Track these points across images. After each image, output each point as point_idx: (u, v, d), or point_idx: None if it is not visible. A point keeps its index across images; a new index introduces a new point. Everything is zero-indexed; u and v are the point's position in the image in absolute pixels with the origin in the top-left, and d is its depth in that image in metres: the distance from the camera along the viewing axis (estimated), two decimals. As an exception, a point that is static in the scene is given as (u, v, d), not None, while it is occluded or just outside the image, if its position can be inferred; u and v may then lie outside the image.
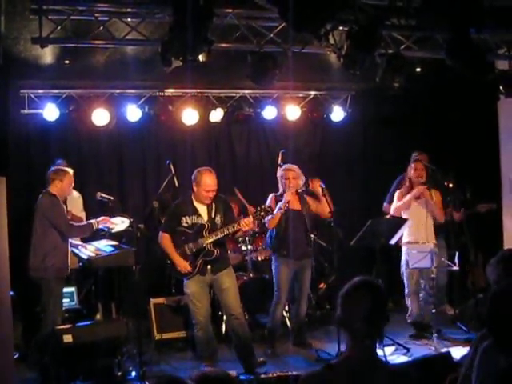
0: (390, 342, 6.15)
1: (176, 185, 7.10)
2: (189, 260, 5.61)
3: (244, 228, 5.57)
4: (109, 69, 6.90)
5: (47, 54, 6.23)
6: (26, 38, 5.53)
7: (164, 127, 8.22)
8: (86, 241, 6.37)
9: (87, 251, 6.04)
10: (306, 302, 6.46)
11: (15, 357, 5.37)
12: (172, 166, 7.07)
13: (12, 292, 5.14)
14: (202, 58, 4.89)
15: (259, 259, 7.24)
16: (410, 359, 5.67)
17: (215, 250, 5.62)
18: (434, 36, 5.83)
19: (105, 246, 6.08)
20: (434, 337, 6.13)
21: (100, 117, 7.60)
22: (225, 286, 5.66)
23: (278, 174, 6.38)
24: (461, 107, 7.76)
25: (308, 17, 4.42)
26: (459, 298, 7.52)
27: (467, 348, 3.22)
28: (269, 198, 6.24)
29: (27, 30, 5.45)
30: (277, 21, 5.37)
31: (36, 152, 7.70)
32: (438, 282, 7.33)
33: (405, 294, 6.72)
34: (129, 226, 6.10)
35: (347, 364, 2.51)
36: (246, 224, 5.52)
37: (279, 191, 6.33)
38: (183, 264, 5.59)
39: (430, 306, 6.60)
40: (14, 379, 4.89)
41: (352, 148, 8.89)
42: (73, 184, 6.08)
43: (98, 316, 6.63)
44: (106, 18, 5.26)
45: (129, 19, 5.34)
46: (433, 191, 6.68)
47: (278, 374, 4.87)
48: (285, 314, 6.81)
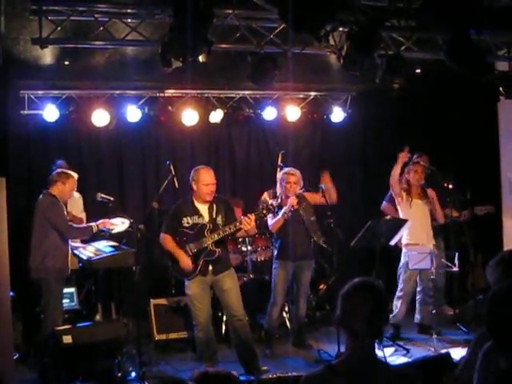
0: (390, 342, 6.17)
1: (176, 185, 7.10)
2: (190, 260, 5.60)
3: (245, 227, 5.48)
4: (109, 69, 6.90)
5: (47, 55, 6.24)
6: (26, 38, 5.54)
7: (164, 128, 8.22)
8: (86, 241, 6.38)
9: (87, 252, 6.04)
10: (305, 302, 6.45)
11: (15, 357, 5.37)
12: (172, 167, 7.06)
13: (12, 292, 5.15)
14: (201, 58, 4.90)
15: (259, 260, 7.23)
16: (409, 360, 5.67)
17: (217, 250, 5.60)
18: (434, 37, 5.83)
19: (105, 246, 6.08)
20: (434, 338, 6.13)
21: (100, 117, 7.60)
22: (226, 287, 5.64)
23: (279, 176, 6.36)
24: (461, 108, 7.76)
25: (308, 18, 4.42)
26: (459, 298, 7.53)
27: (467, 349, 3.21)
28: (265, 195, 6.23)
29: (27, 31, 5.45)
30: (277, 22, 5.37)
31: (36, 153, 7.69)
32: (436, 283, 7.34)
33: (396, 295, 6.62)
34: (129, 227, 6.10)
35: (347, 364, 2.51)
36: (248, 222, 5.46)
37: (276, 190, 6.31)
38: (186, 261, 5.57)
39: (428, 307, 6.59)
40: (14, 380, 4.89)
41: (352, 149, 8.89)
42: (75, 189, 6.10)
43: (98, 317, 6.62)
44: (106, 19, 5.27)
45: (129, 20, 5.35)
46: (429, 190, 6.65)
47: (278, 375, 4.85)
48: (285, 314, 6.81)
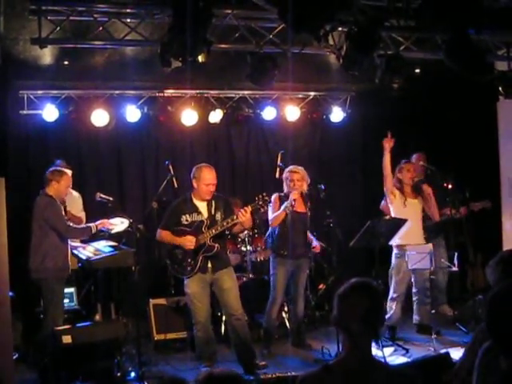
0: (390, 342, 6.16)
1: (175, 185, 7.10)
2: (189, 257, 5.60)
3: (241, 218, 5.44)
4: (108, 69, 6.90)
5: (46, 55, 6.24)
6: (26, 38, 5.54)
7: (163, 128, 8.21)
8: (86, 241, 6.37)
9: (86, 252, 6.03)
10: (303, 300, 6.43)
11: (15, 357, 5.37)
12: (171, 167, 7.06)
13: (11, 292, 5.14)
14: (201, 58, 4.90)
15: (258, 260, 7.23)
16: (409, 360, 5.67)
17: (215, 245, 5.61)
18: (434, 37, 5.83)
19: (104, 246, 6.07)
20: (433, 337, 6.12)
21: (99, 117, 7.60)
22: (226, 286, 5.65)
23: (283, 175, 6.34)
24: (460, 108, 7.76)
25: (307, 17, 4.43)
26: (458, 298, 7.52)
27: (465, 347, 3.22)
28: (272, 197, 6.21)
29: (26, 31, 5.45)
30: (276, 21, 5.38)
31: (35, 153, 7.69)
32: (438, 283, 7.33)
33: (390, 296, 6.47)
34: (128, 227, 6.09)
35: (344, 364, 2.51)
36: (243, 214, 5.43)
37: (284, 191, 6.30)
38: (187, 239, 5.56)
39: (426, 307, 6.58)
40: (14, 379, 4.89)
41: (351, 149, 8.89)
42: (70, 185, 6.05)
43: (98, 317, 6.61)
44: (106, 19, 5.27)
45: (128, 20, 5.35)
46: (425, 186, 6.58)
47: (277, 375, 4.87)
48: (284, 314, 6.81)
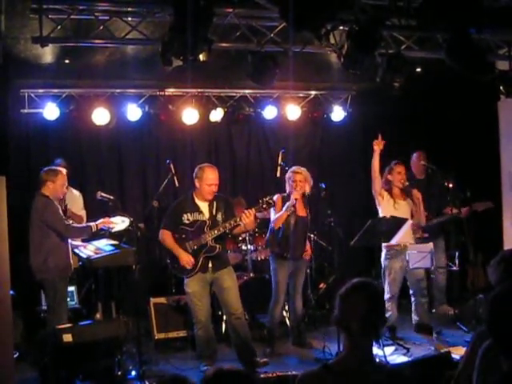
0: (390, 341, 6.16)
1: (176, 184, 7.10)
2: (191, 256, 5.61)
3: (245, 220, 5.47)
4: (109, 68, 6.90)
5: (47, 54, 6.23)
6: (27, 37, 5.53)
7: (164, 127, 8.21)
8: (86, 240, 6.37)
9: (87, 251, 6.04)
10: (301, 298, 6.45)
11: (15, 356, 5.37)
12: (172, 166, 7.06)
13: (12, 291, 5.14)
14: (202, 57, 4.89)
15: (259, 259, 7.24)
16: (409, 359, 5.67)
17: (217, 246, 5.63)
18: (435, 36, 5.83)
19: (105, 245, 6.08)
20: (433, 337, 6.12)
21: (100, 116, 7.60)
22: (226, 284, 5.66)
23: (286, 175, 6.33)
24: (461, 107, 7.75)
25: (308, 16, 4.42)
26: (459, 298, 7.52)
27: (466, 347, 3.21)
28: (275, 198, 6.19)
29: (27, 30, 5.45)
30: (277, 20, 5.37)
31: (36, 151, 7.70)
32: (437, 283, 7.34)
33: (385, 297, 6.27)
34: (129, 226, 6.09)
35: (344, 364, 2.52)
36: (247, 216, 5.47)
37: (286, 192, 6.30)
38: (187, 258, 5.58)
39: (424, 307, 6.56)
40: (14, 378, 4.89)
41: (352, 147, 8.88)
42: (66, 184, 6.00)
43: (98, 315, 6.62)
44: (107, 18, 5.27)
45: (129, 18, 5.35)
46: (415, 191, 6.49)
47: (278, 374, 4.85)
48: (285, 314, 6.81)
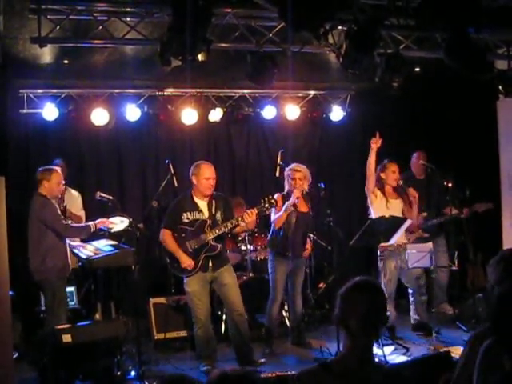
0: (390, 341, 6.16)
1: (175, 184, 7.09)
2: (190, 257, 5.62)
3: (246, 219, 5.54)
4: (108, 68, 6.89)
5: (46, 54, 6.23)
6: (25, 37, 5.53)
7: (163, 127, 8.21)
8: (86, 241, 6.37)
9: (86, 251, 6.03)
10: (300, 298, 6.45)
11: (14, 356, 5.37)
12: (171, 166, 7.05)
13: (11, 292, 5.14)
14: (201, 57, 4.89)
15: (258, 259, 7.23)
16: (409, 358, 5.67)
17: (218, 245, 5.65)
18: (433, 36, 5.83)
19: (104, 245, 6.07)
20: (433, 336, 6.13)
21: (99, 116, 7.59)
22: (226, 281, 5.69)
23: (285, 172, 6.33)
24: (460, 107, 7.75)
25: (307, 16, 4.43)
26: (459, 297, 7.52)
27: (463, 347, 3.21)
28: (275, 197, 6.18)
29: (26, 30, 5.44)
30: (276, 20, 5.37)
31: (35, 152, 7.69)
32: (438, 282, 7.34)
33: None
34: (128, 226, 6.09)
35: (342, 363, 2.52)
36: (249, 215, 5.52)
37: (285, 190, 6.29)
38: (187, 260, 5.60)
39: (423, 305, 6.55)
40: (14, 379, 4.88)
41: (351, 147, 8.87)
42: (62, 182, 5.98)
43: (98, 316, 6.61)
44: (105, 18, 5.27)
45: (128, 19, 5.35)
46: (411, 190, 6.44)
47: (277, 374, 4.85)
48: (284, 313, 6.81)
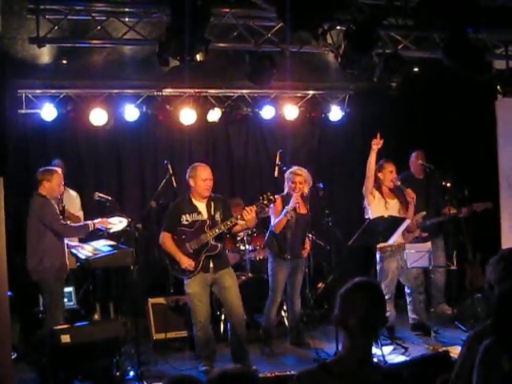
0: (389, 341, 6.17)
1: (174, 184, 7.09)
2: (191, 258, 5.62)
3: (246, 217, 5.51)
4: (106, 68, 6.89)
5: (45, 54, 6.22)
6: (24, 37, 5.53)
7: (162, 127, 8.20)
8: (84, 241, 6.37)
9: (85, 251, 6.02)
10: (299, 298, 6.45)
11: (13, 357, 5.36)
12: (170, 166, 7.05)
13: (10, 292, 5.13)
14: (199, 57, 4.90)
15: (257, 259, 7.23)
16: (407, 358, 5.67)
17: (218, 245, 5.65)
18: (432, 35, 5.83)
19: (103, 246, 6.06)
20: (432, 336, 6.13)
21: (98, 116, 7.58)
22: (227, 284, 5.69)
23: (286, 175, 6.32)
24: (458, 107, 7.76)
25: (305, 16, 4.43)
26: (457, 297, 7.52)
27: (461, 347, 3.21)
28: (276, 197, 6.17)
29: (24, 30, 5.44)
30: (274, 20, 5.38)
31: (34, 152, 7.68)
32: (436, 282, 7.34)
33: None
34: (127, 226, 6.09)
35: (342, 363, 2.52)
36: (248, 213, 5.50)
37: (285, 191, 6.28)
38: (187, 260, 5.60)
39: (421, 305, 6.54)
40: (13, 379, 4.88)
41: (350, 147, 8.88)
42: (62, 183, 5.99)
43: (96, 316, 6.61)
44: (104, 18, 5.27)
45: (126, 19, 5.36)
46: (408, 190, 6.40)
47: (276, 374, 4.86)
48: (283, 313, 6.81)
